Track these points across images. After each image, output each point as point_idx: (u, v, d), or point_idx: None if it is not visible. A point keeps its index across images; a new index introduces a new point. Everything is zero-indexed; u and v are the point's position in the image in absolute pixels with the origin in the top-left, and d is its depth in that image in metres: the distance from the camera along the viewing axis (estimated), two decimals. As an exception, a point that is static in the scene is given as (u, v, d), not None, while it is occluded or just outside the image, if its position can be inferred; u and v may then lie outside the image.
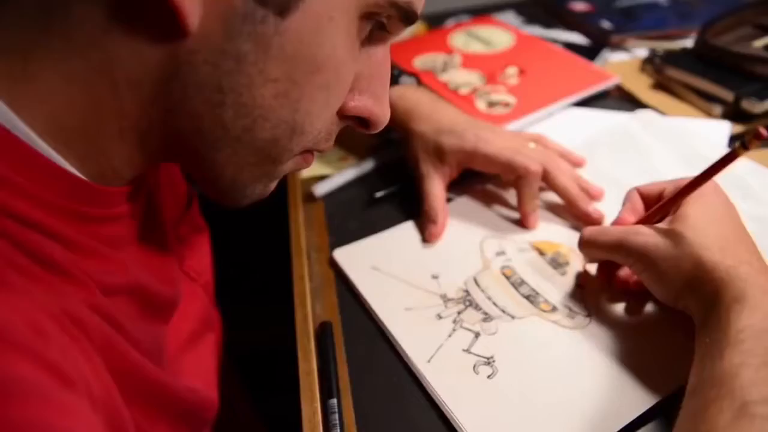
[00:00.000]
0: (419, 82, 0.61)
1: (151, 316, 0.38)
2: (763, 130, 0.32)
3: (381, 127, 0.36)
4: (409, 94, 0.58)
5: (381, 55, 0.35)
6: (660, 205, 0.40)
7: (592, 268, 0.46)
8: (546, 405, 0.38)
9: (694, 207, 0.38)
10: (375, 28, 0.32)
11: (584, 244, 0.43)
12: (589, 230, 0.43)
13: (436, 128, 0.54)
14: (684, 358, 0.35)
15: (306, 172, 0.63)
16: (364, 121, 0.36)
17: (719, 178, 0.52)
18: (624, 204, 0.44)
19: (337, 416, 0.38)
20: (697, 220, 0.37)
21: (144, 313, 0.37)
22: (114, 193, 0.34)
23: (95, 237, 0.33)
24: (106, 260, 0.33)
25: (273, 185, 0.36)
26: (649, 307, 0.43)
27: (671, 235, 0.37)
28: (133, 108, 0.30)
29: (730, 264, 0.35)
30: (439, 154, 0.53)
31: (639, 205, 0.44)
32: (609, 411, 0.37)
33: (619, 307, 0.43)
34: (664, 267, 0.37)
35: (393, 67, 0.62)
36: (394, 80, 0.59)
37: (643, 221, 0.41)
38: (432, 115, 0.55)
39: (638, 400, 0.37)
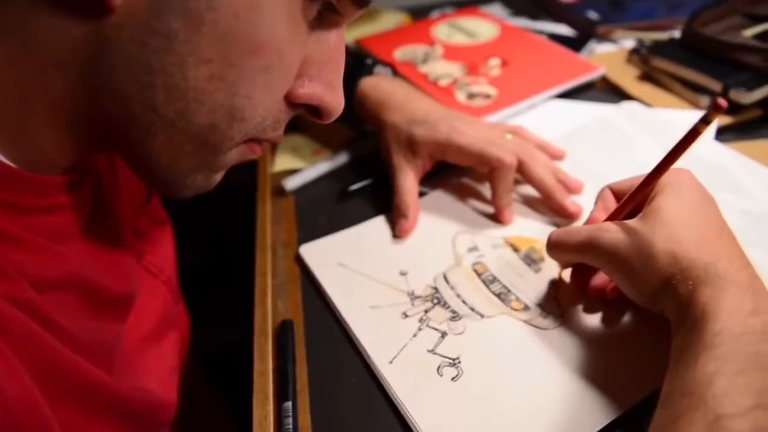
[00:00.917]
0: (395, 73, 0.59)
1: (98, 313, 0.36)
2: (721, 101, 0.29)
3: (334, 117, 0.34)
4: (383, 84, 0.55)
5: (334, 40, 0.33)
6: (628, 196, 0.37)
7: (567, 275, 0.43)
8: (513, 409, 0.36)
9: (667, 200, 0.35)
10: (325, 10, 0.30)
11: (551, 247, 0.40)
12: (556, 232, 0.40)
13: (409, 119, 0.52)
14: (661, 362, 0.32)
15: (278, 166, 0.61)
16: (315, 110, 0.34)
17: (707, 171, 0.50)
18: (596, 203, 0.42)
19: (291, 420, 0.36)
20: (671, 213, 0.34)
21: (89, 310, 0.35)
22: (49, 183, 0.32)
23: (29, 228, 0.31)
24: (42, 253, 0.31)
25: (217, 176, 0.34)
26: (627, 308, 0.40)
27: (643, 230, 0.34)
28: (60, 90, 0.28)
29: (708, 260, 0.32)
30: (412, 145, 0.51)
31: (612, 203, 0.41)
32: (580, 417, 0.35)
33: (595, 306, 0.41)
34: (637, 266, 0.34)
35: (368, 56, 0.61)
36: (369, 70, 0.57)
37: (613, 216, 0.39)
38: (405, 105, 0.53)
39: (611, 405, 0.35)
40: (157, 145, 0.30)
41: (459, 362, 0.39)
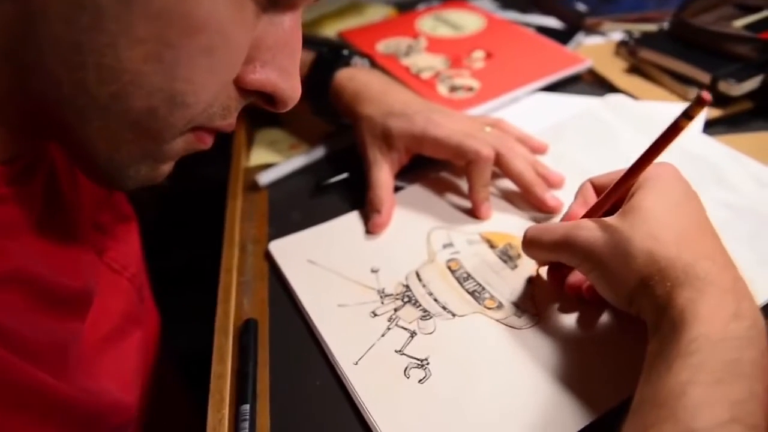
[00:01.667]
0: (373, 64, 0.57)
1: (50, 311, 0.34)
2: (706, 94, 0.27)
3: (289, 105, 0.32)
4: (359, 75, 0.54)
5: (288, 23, 0.31)
6: (607, 192, 0.35)
7: (545, 273, 0.41)
8: (481, 414, 0.34)
9: (648, 195, 0.33)
10: None
11: (526, 245, 0.38)
12: (532, 229, 0.38)
13: (385, 111, 0.50)
14: (639, 366, 0.30)
15: (253, 160, 0.59)
16: (269, 98, 0.32)
17: (693, 164, 0.48)
18: (576, 197, 0.40)
19: (247, 424, 0.35)
20: (650, 209, 0.32)
21: (38, 308, 0.33)
22: None
23: None
24: None
25: (165, 167, 0.32)
26: (606, 309, 0.38)
27: (621, 228, 0.32)
28: None
29: (688, 260, 0.30)
30: (387, 138, 0.49)
31: (592, 198, 0.39)
32: (552, 421, 0.33)
33: (572, 306, 0.39)
34: (613, 265, 0.32)
35: (344, 47, 0.59)
36: (346, 61, 0.55)
37: (591, 213, 0.37)
38: (382, 97, 0.51)
39: (586, 410, 0.33)
40: (93, 132, 0.28)
41: (427, 363, 0.37)
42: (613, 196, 0.35)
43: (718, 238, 0.32)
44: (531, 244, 0.38)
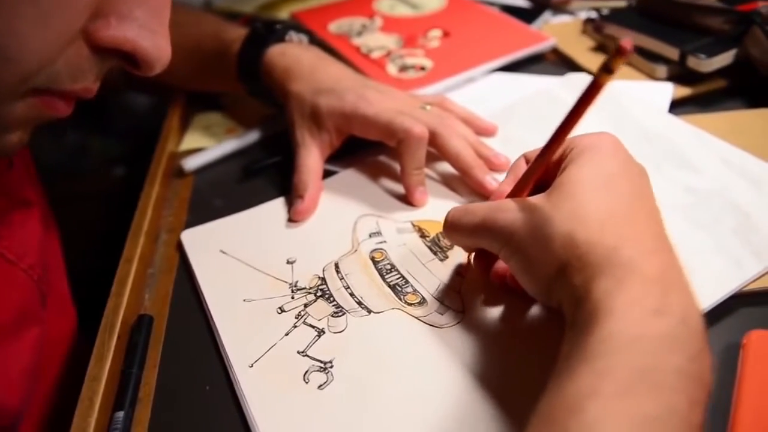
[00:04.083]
0: (312, 40, 0.53)
1: None
2: (626, 42, 0.23)
3: (156, 68, 0.28)
4: (291, 50, 0.49)
5: None
6: (528, 168, 0.30)
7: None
8: (384, 427, 0.29)
9: (578, 169, 0.28)
10: None
11: (447, 228, 0.33)
12: (454, 211, 0.33)
13: (315, 88, 0.45)
14: None
15: (184, 145, 0.54)
16: (130, 59, 0.28)
17: (651, 143, 0.43)
18: (507, 175, 0.35)
19: (118, 434, 0.30)
20: (578, 185, 0.27)
21: None
22: None
23: None
24: None
25: (11, 137, 0.28)
26: (535, 306, 0.33)
27: (544, 207, 0.28)
28: None
29: (611, 244, 0.25)
30: (316, 117, 0.45)
31: None
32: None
33: (501, 302, 0.34)
34: (532, 251, 0.27)
35: (278, 21, 0.54)
36: (279, 36, 0.50)
37: (514, 193, 0.32)
38: (313, 73, 0.47)
39: (505, 423, 0.28)
40: None
41: (331, 367, 0.32)
42: (536, 171, 0.30)
43: (657, 219, 0.27)
44: (452, 228, 0.33)
